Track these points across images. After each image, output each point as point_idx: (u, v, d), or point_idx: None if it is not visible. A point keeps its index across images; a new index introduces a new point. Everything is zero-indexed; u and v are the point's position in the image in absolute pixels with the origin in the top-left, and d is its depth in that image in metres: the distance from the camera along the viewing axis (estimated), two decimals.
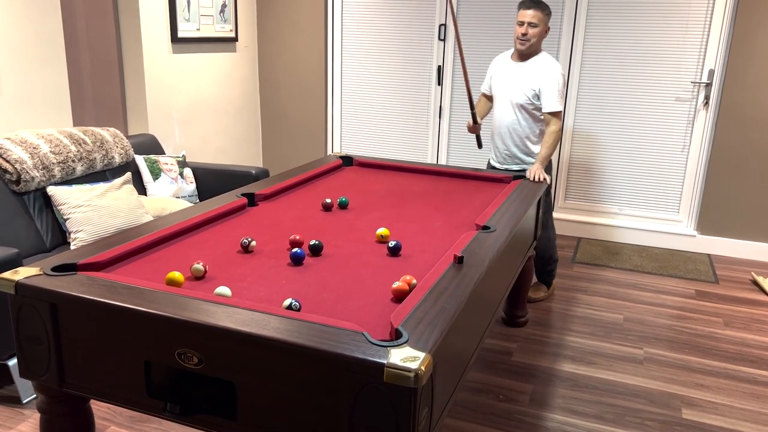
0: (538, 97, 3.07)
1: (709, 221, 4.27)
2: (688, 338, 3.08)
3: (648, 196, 4.42)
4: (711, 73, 4.09)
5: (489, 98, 3.39)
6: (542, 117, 3.11)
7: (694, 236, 4.31)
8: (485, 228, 2.18)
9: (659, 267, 4.02)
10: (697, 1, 4.03)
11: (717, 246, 4.28)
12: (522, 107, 3.11)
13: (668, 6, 4.09)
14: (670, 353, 2.92)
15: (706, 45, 4.07)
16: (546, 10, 3.03)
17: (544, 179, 2.91)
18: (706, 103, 4.15)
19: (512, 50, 3.20)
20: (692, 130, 4.23)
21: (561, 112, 3.07)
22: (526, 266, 3.02)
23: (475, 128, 3.26)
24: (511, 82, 3.13)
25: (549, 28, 3.12)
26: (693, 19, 4.06)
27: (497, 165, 3.34)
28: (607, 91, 4.35)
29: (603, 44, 4.28)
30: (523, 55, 3.11)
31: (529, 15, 3.00)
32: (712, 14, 4.01)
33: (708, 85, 4.12)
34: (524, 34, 3.01)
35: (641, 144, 4.35)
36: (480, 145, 3.36)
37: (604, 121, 4.41)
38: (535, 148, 3.19)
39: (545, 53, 3.13)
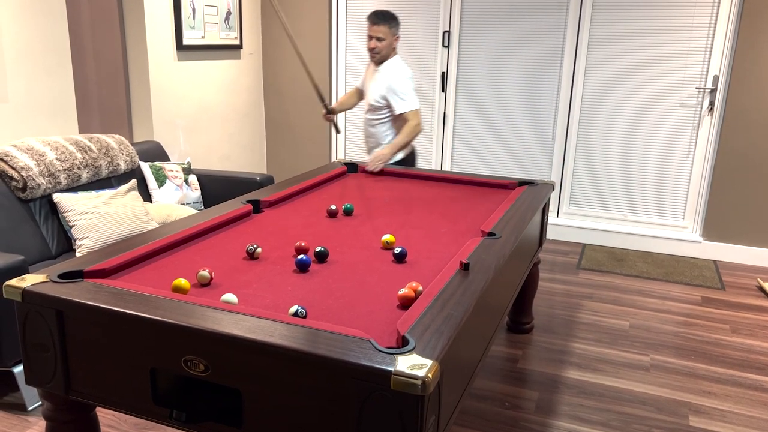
0: (386, 99, 3.29)
1: (714, 227, 4.26)
2: (695, 345, 3.06)
3: (653, 202, 4.41)
4: (716, 78, 4.09)
5: (360, 93, 3.65)
6: (392, 118, 3.36)
7: (700, 242, 4.29)
8: (491, 234, 2.17)
9: (665, 273, 4.00)
10: (701, 8, 4.03)
11: (723, 252, 4.26)
12: (375, 109, 3.36)
13: (672, 12, 4.09)
14: (677, 360, 2.91)
15: (711, 51, 4.07)
16: (392, 23, 3.23)
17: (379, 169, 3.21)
18: (711, 109, 4.15)
19: None
20: (697, 136, 4.22)
21: (416, 109, 3.30)
22: (531, 272, 3.01)
23: (328, 117, 3.50)
24: (370, 85, 3.39)
25: (399, 36, 3.34)
26: (697, 26, 4.06)
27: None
28: (612, 97, 4.35)
29: (607, 50, 4.28)
30: (379, 61, 3.34)
31: (376, 30, 3.22)
32: (716, 20, 4.02)
33: (713, 91, 4.11)
34: (373, 48, 3.26)
35: (646, 150, 4.35)
36: (338, 131, 3.66)
37: (609, 126, 4.40)
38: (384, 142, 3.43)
39: (395, 58, 3.34)
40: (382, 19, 3.21)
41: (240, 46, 4.72)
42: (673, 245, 4.36)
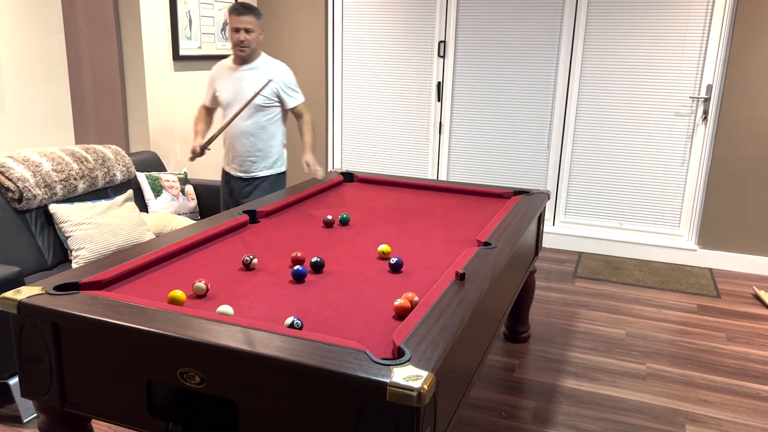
0: (277, 95, 3.13)
1: (709, 235, 4.27)
2: (691, 353, 3.07)
3: (649, 210, 4.43)
4: (709, 88, 4.12)
5: (210, 111, 3.35)
6: (282, 116, 3.23)
7: (695, 250, 4.31)
8: (486, 244, 2.18)
9: (661, 281, 4.01)
10: (695, 17, 4.06)
11: (718, 260, 4.28)
12: (260, 110, 3.12)
13: (665, 22, 4.13)
14: (673, 369, 2.91)
15: (704, 60, 4.10)
16: (258, 14, 3.05)
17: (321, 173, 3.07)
18: (705, 118, 4.17)
19: (230, 57, 3.17)
20: (692, 145, 4.25)
21: (305, 101, 3.27)
22: (527, 282, 3.01)
23: (201, 153, 3.06)
24: (243, 87, 3.10)
25: (264, 30, 3.20)
26: (690, 35, 4.09)
27: (240, 174, 3.27)
28: (607, 106, 4.38)
29: (601, 59, 4.31)
30: (245, 60, 3.10)
31: (244, 21, 3.00)
32: (709, 30, 4.05)
33: (706, 100, 4.14)
34: (242, 41, 3.02)
35: (641, 158, 4.37)
36: (202, 153, 3.09)
37: (604, 135, 4.43)
38: (277, 151, 3.27)
39: (265, 54, 3.18)
40: (249, 9, 3.00)
41: None
42: (669, 253, 4.37)
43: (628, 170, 4.42)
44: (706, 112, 4.17)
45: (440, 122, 4.78)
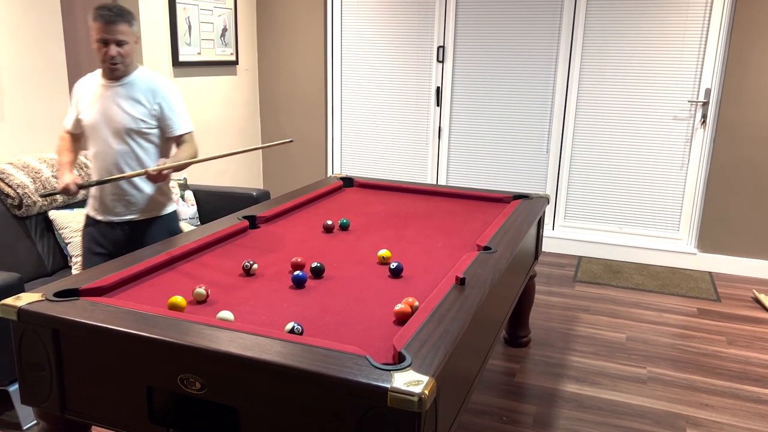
0: (157, 118, 2.40)
1: (709, 239, 4.27)
2: (692, 357, 3.07)
3: (648, 214, 4.43)
4: (708, 91, 4.13)
5: (77, 137, 2.54)
6: (161, 144, 2.47)
7: (695, 254, 4.31)
8: (486, 249, 2.18)
9: (660, 285, 4.01)
10: (693, 22, 4.08)
11: (718, 264, 4.28)
12: (135, 133, 2.38)
13: (664, 26, 4.14)
14: (674, 372, 2.91)
15: (702, 64, 4.11)
16: (132, 19, 2.31)
17: (165, 176, 2.32)
18: (704, 122, 4.18)
19: (99, 71, 2.43)
20: (690, 149, 4.25)
21: (193, 131, 2.50)
22: (527, 286, 3.01)
23: (76, 192, 2.33)
24: (114, 106, 2.37)
25: (139, 37, 2.53)
26: (689, 39, 4.10)
27: (101, 218, 2.48)
28: (605, 110, 4.38)
29: (600, 63, 4.32)
30: (118, 75, 2.38)
31: (114, 31, 2.24)
32: (707, 34, 4.06)
33: (705, 104, 4.15)
34: (113, 57, 2.28)
35: (640, 162, 4.38)
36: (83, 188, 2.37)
37: (603, 139, 4.43)
38: (150, 187, 2.49)
39: (144, 67, 2.47)
40: (120, 15, 2.25)
41: (236, 63, 4.74)
42: (669, 257, 4.38)
43: (627, 174, 4.42)
44: (704, 116, 4.17)
45: (439, 127, 4.79)
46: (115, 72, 2.34)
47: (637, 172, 4.40)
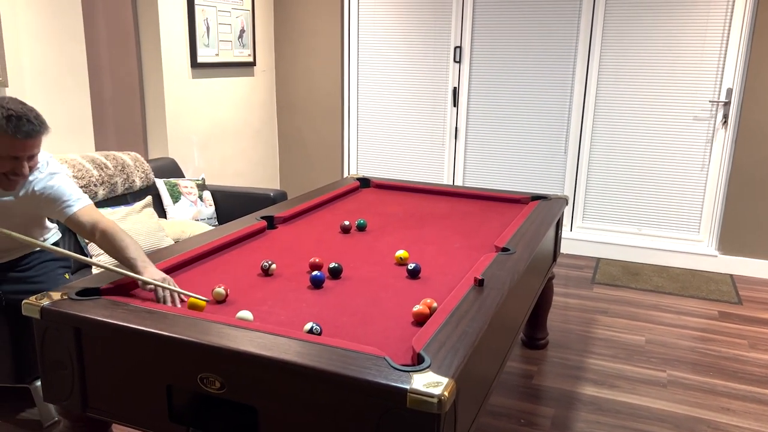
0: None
1: (730, 241, 4.21)
2: (713, 361, 3.02)
3: (667, 215, 4.38)
4: (729, 91, 4.07)
5: None
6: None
7: (716, 256, 4.25)
8: (505, 250, 2.17)
9: (680, 288, 3.96)
10: (714, 20, 4.02)
11: (739, 266, 4.22)
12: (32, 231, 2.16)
13: (685, 25, 4.09)
14: (695, 376, 2.87)
15: (724, 64, 4.05)
16: (46, 127, 1.83)
17: None
18: (725, 122, 4.12)
19: None
20: (711, 149, 4.20)
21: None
22: (546, 288, 2.99)
23: None
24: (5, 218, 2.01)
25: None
26: (710, 39, 4.05)
27: None
28: (624, 110, 4.34)
29: (619, 62, 4.28)
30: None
31: (34, 144, 1.82)
32: (728, 33, 4.01)
33: (726, 104, 4.09)
34: (24, 174, 1.83)
35: (660, 163, 4.33)
36: None
37: (622, 139, 4.39)
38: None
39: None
40: (43, 124, 1.81)
41: (253, 64, 4.77)
42: (689, 259, 4.32)
43: (646, 175, 4.38)
44: (726, 116, 4.12)
45: (456, 127, 4.78)
46: (12, 187, 1.87)
47: (657, 173, 4.35)
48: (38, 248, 2.25)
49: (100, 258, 2.80)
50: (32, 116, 1.76)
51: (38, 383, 2.35)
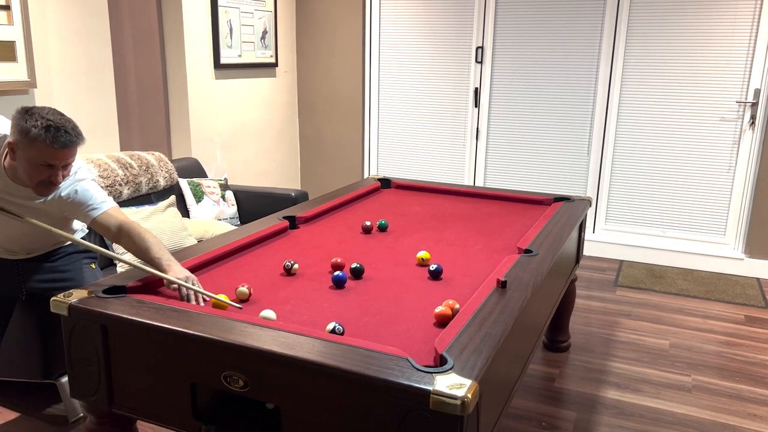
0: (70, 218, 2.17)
1: (757, 244, 4.13)
2: (739, 366, 2.97)
3: (693, 217, 4.32)
4: (757, 92, 4.00)
5: None
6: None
7: (742, 259, 4.17)
8: (528, 251, 2.15)
9: (706, 291, 3.90)
10: (742, 19, 3.95)
11: (767, 270, 4.13)
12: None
13: (711, 25, 4.02)
14: (721, 381, 2.82)
15: (752, 64, 3.98)
16: (83, 139, 1.89)
17: None
18: (753, 123, 4.05)
19: (7, 172, 1.94)
20: (738, 150, 4.12)
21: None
22: (568, 290, 2.97)
23: None
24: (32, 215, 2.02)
25: None
26: (737, 37, 3.98)
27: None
28: (649, 111, 4.29)
29: (644, 62, 4.23)
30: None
31: (69, 154, 1.85)
32: (757, 32, 3.93)
33: (754, 105, 4.02)
34: (53, 180, 1.87)
35: (685, 164, 4.26)
36: None
37: (646, 140, 4.33)
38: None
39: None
40: (79, 136, 1.86)
41: (275, 64, 4.80)
42: (715, 262, 4.25)
43: (671, 176, 4.31)
44: (753, 117, 4.04)
45: (477, 128, 4.75)
46: (48, 194, 1.92)
47: (682, 175, 4.28)
48: (66, 243, 2.31)
49: (125, 256, 2.83)
50: (69, 127, 1.83)
51: (64, 379, 2.39)
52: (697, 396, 2.69)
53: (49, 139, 1.77)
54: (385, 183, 3.31)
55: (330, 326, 1.55)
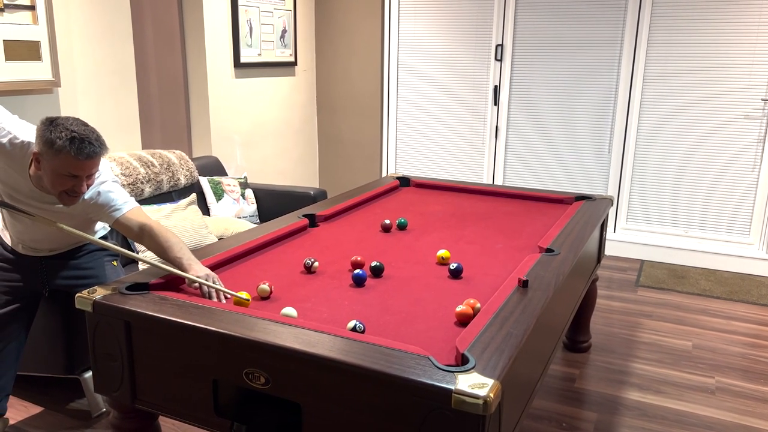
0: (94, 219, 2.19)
1: None
2: (764, 368, 2.92)
3: (716, 217, 4.25)
4: None
5: None
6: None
7: (767, 260, 4.10)
8: (549, 251, 2.13)
9: (729, 292, 3.84)
10: (766, 17, 3.88)
11: None
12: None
13: (735, 22, 3.96)
14: (745, 383, 2.78)
15: None
16: (107, 149, 1.89)
17: None
18: None
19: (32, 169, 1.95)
20: (763, 149, 4.05)
21: None
22: (589, 290, 2.94)
23: None
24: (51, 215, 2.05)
25: None
26: (762, 34, 3.91)
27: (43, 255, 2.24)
28: (671, 109, 4.23)
29: (666, 60, 4.17)
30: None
31: (93, 165, 1.86)
32: None
33: None
34: (82, 193, 1.89)
35: (708, 163, 4.20)
36: None
37: (668, 139, 4.28)
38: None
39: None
40: (102, 146, 1.86)
41: (295, 63, 4.81)
42: (738, 262, 4.18)
43: (694, 175, 4.25)
44: None
45: (497, 126, 4.73)
46: (73, 203, 1.94)
47: (705, 173, 4.22)
48: (88, 242, 2.34)
49: (146, 254, 2.86)
50: (93, 138, 1.83)
51: (88, 374, 2.42)
52: (720, 398, 2.65)
53: (74, 151, 1.78)
54: (404, 181, 3.31)
55: (351, 324, 1.55)
